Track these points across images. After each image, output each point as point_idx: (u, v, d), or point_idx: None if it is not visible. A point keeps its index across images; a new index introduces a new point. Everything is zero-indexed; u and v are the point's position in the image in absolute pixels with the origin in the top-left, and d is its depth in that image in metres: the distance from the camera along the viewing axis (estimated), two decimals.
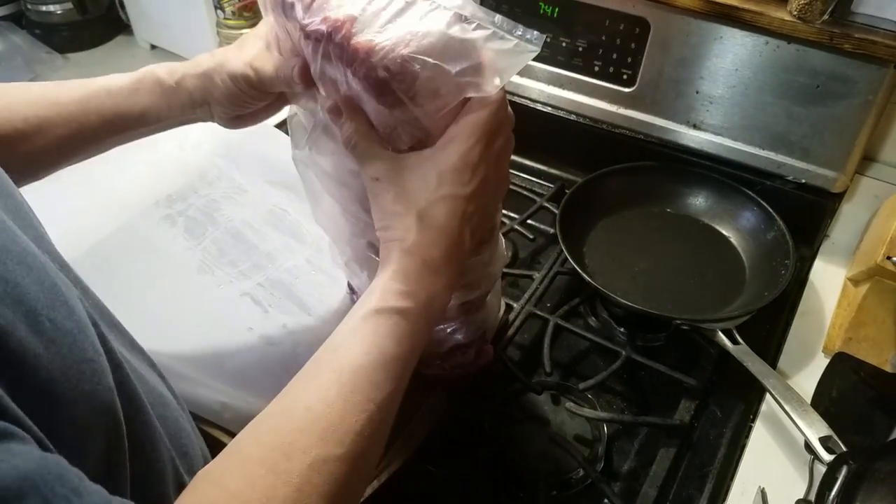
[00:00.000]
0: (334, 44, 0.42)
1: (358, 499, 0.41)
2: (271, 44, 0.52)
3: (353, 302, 0.74)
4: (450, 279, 0.47)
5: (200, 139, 0.93)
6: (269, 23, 0.51)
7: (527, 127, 0.94)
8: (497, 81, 0.44)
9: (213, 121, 0.59)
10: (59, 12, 1.13)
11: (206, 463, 0.47)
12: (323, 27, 0.42)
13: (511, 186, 0.92)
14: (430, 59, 0.41)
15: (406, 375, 0.44)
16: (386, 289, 0.44)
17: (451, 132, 0.45)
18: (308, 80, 0.49)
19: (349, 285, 0.75)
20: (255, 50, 0.53)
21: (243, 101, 0.56)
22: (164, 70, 0.55)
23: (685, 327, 0.69)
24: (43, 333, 0.30)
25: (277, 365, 0.70)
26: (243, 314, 0.74)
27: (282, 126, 0.99)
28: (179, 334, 0.71)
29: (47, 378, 0.30)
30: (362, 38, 0.41)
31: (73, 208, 0.82)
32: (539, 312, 0.75)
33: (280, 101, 0.57)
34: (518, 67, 0.44)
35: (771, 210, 0.79)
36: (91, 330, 0.34)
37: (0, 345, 0.28)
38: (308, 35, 0.44)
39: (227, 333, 0.72)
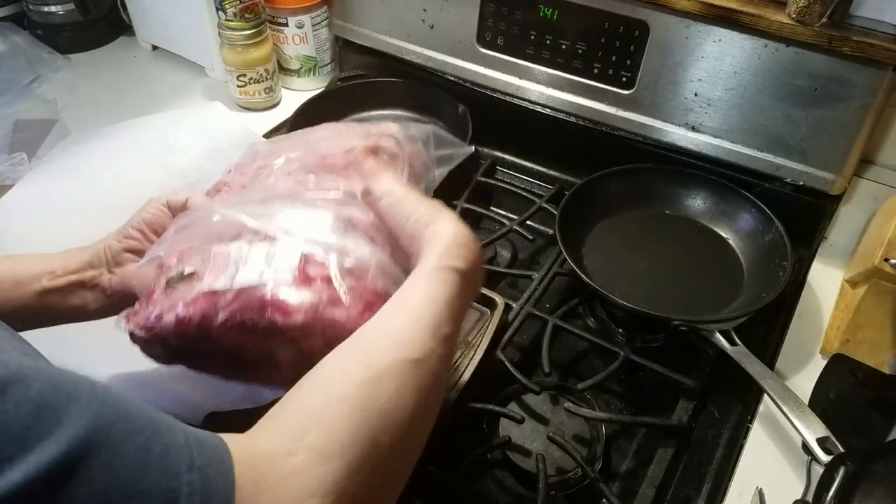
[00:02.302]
0: None
1: (428, 429, 0.44)
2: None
3: None
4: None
5: (187, 143, 0.93)
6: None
7: (526, 129, 0.96)
8: None
9: None
10: (60, 13, 1.14)
11: None
12: None
13: (510, 188, 0.93)
14: None
15: (460, 328, 0.48)
16: (444, 253, 0.49)
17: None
18: None
19: None
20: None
21: None
22: None
23: (683, 328, 0.69)
24: None
25: None
26: None
27: (270, 135, 1.00)
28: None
29: None
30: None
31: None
32: (538, 313, 0.75)
33: None
34: None
35: (769, 212, 0.79)
36: None
37: None
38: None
39: None
